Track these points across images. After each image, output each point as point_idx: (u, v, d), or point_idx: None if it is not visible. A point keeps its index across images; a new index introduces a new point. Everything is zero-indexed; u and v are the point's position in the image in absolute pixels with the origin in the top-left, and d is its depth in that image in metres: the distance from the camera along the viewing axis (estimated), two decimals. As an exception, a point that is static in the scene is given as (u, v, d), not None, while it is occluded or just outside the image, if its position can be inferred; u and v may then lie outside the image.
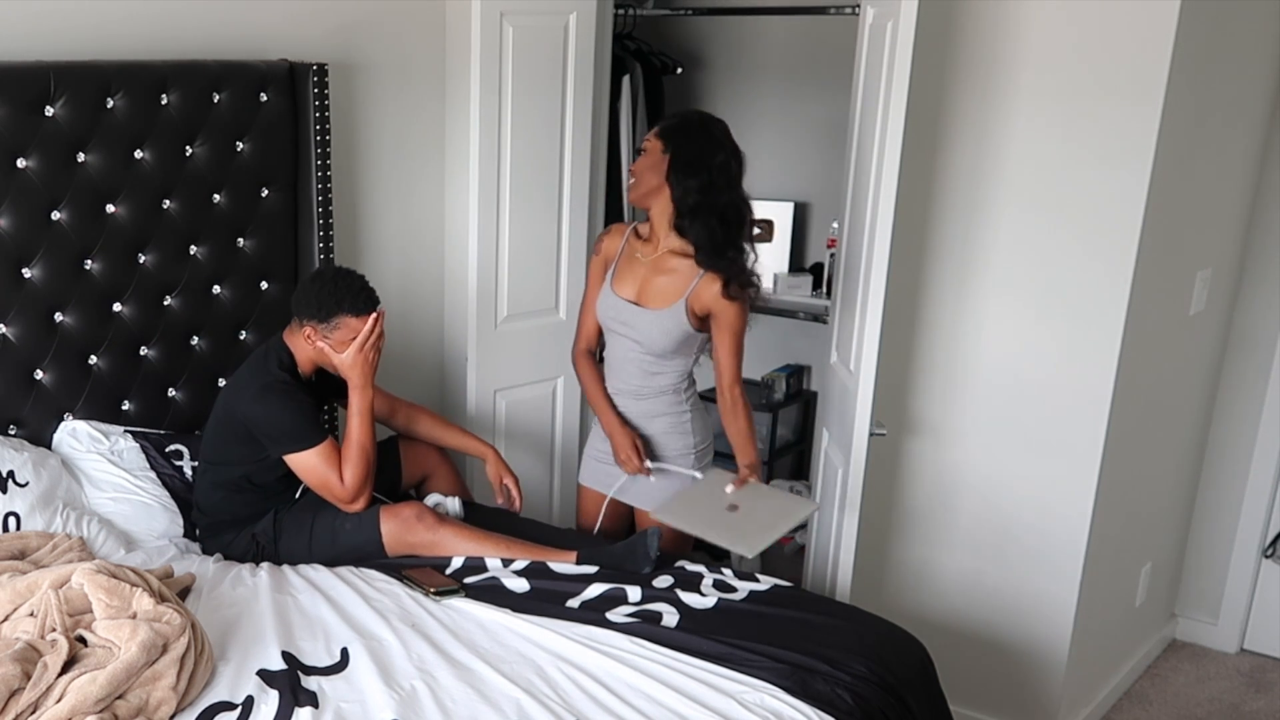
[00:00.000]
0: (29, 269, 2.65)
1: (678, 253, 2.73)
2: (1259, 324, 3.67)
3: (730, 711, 2.08)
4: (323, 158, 3.09)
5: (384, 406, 3.01)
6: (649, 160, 2.70)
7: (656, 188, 2.70)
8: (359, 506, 2.67)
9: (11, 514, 2.51)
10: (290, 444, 2.63)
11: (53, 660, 1.97)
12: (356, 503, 2.66)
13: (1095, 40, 2.82)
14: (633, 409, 2.86)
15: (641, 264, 2.77)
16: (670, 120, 2.76)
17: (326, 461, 2.64)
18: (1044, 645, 3.20)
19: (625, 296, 2.78)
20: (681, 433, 2.84)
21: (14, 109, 2.54)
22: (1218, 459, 3.83)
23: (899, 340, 3.16)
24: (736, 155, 2.70)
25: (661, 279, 2.74)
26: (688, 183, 2.65)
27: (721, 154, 2.67)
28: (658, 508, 2.69)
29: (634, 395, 2.84)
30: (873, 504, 3.10)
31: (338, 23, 3.21)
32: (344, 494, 2.65)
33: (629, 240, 2.82)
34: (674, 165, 2.65)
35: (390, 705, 2.05)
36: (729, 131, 2.72)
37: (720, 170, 2.66)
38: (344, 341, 2.62)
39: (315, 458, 2.63)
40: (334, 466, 2.64)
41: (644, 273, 2.76)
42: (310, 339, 2.64)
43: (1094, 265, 2.93)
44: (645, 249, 2.78)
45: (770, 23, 4.23)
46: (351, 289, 2.63)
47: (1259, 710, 3.59)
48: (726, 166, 2.67)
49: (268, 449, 2.65)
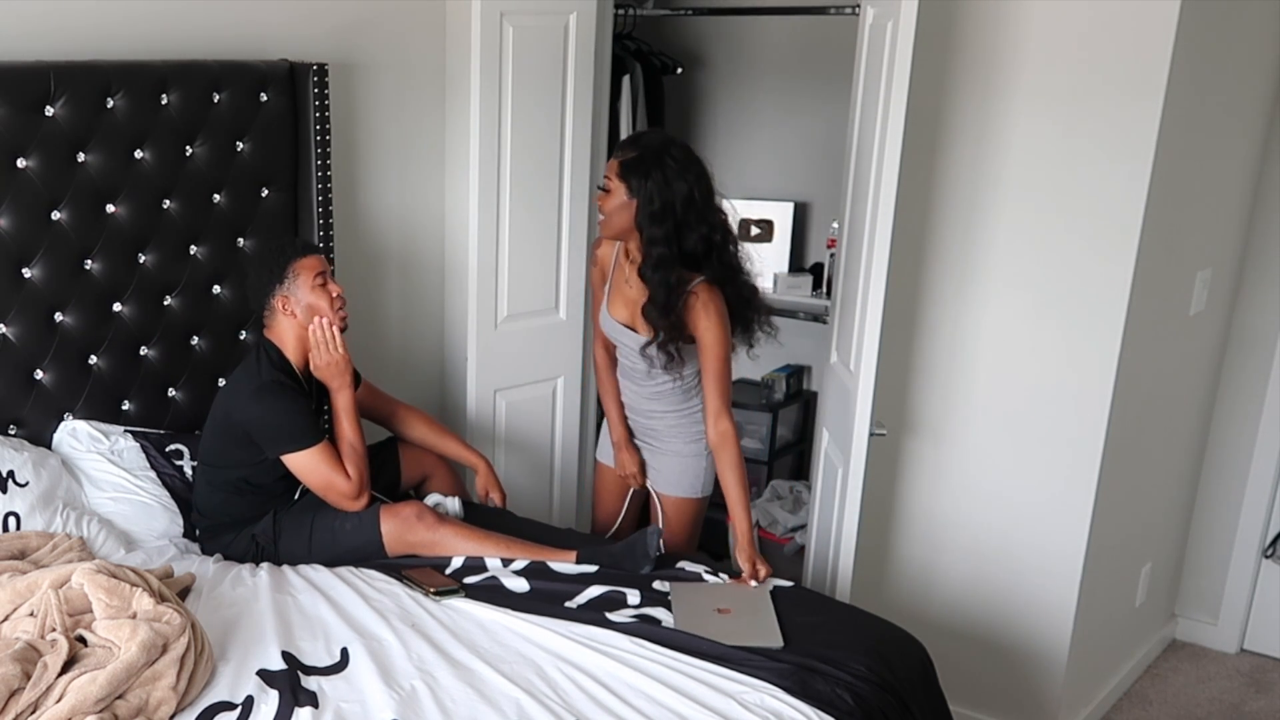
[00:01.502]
0: (29, 269, 2.65)
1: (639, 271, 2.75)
2: (1259, 324, 3.67)
3: (730, 711, 2.08)
4: (323, 158, 3.09)
5: (381, 409, 3.01)
6: (616, 202, 2.67)
7: (628, 229, 2.70)
8: (360, 505, 2.67)
9: (11, 514, 2.51)
10: (287, 444, 2.63)
11: (53, 660, 1.97)
12: (358, 500, 2.66)
13: (1095, 40, 2.82)
14: (643, 404, 2.97)
15: (631, 288, 2.80)
16: (628, 154, 2.68)
17: (325, 461, 2.64)
18: (1044, 645, 3.20)
19: (619, 320, 2.84)
20: (689, 415, 2.92)
21: (14, 109, 2.54)
22: (1218, 459, 3.83)
23: (899, 340, 3.16)
24: (701, 177, 2.67)
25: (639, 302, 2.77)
26: (654, 232, 2.64)
27: (683, 184, 2.63)
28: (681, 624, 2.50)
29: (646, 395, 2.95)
30: (873, 504, 3.10)
31: (338, 23, 3.21)
32: (347, 491, 2.65)
33: (619, 259, 2.84)
34: (640, 213, 2.65)
35: (390, 705, 2.05)
36: (689, 151, 2.70)
37: (686, 205, 2.64)
38: (311, 287, 2.65)
39: (313, 458, 2.63)
40: (333, 466, 2.64)
41: (635, 295, 2.79)
42: (285, 310, 2.66)
43: (1094, 265, 2.93)
44: (633, 273, 2.78)
45: (770, 23, 4.23)
46: (285, 243, 2.75)
47: (1259, 710, 3.59)
48: (691, 198, 2.64)
49: (265, 450, 2.65)
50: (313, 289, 2.66)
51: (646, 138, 2.75)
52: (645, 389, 2.94)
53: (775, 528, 3.92)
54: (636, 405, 3.00)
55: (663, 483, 3.02)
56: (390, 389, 3.12)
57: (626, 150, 2.71)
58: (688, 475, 2.98)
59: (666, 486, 3.02)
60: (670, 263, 2.66)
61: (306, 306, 2.66)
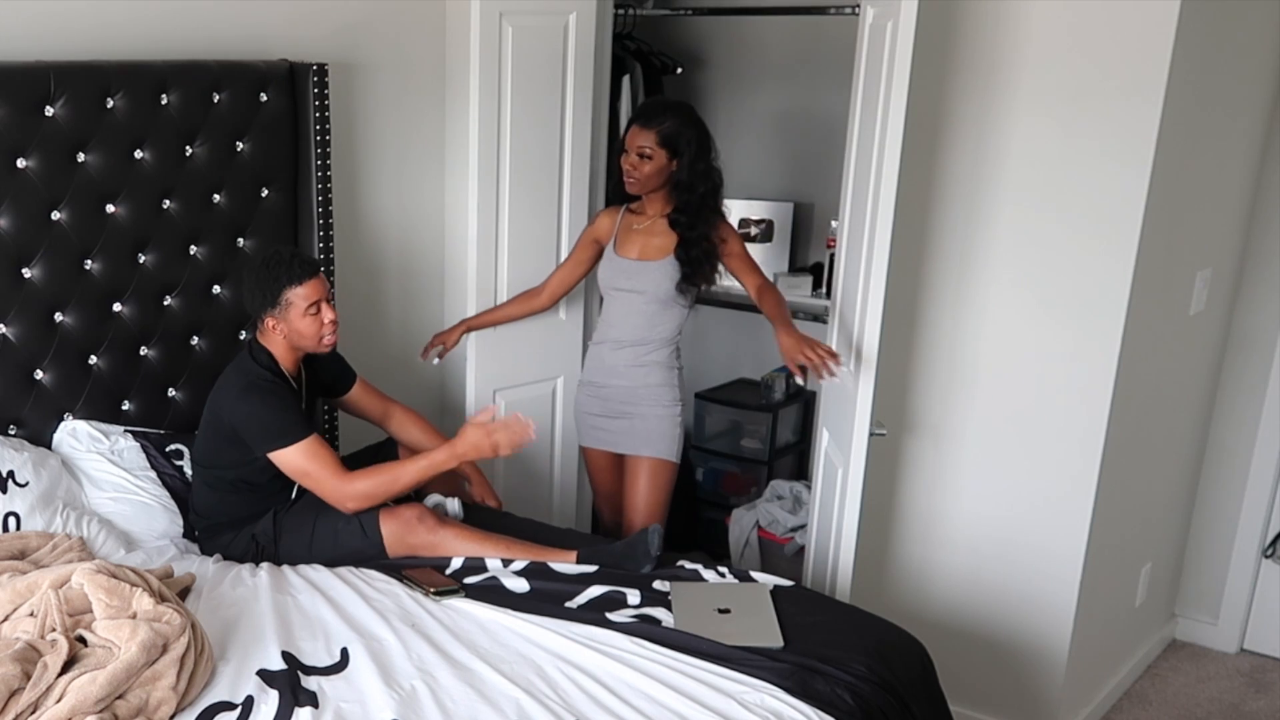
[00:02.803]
0: (29, 269, 2.65)
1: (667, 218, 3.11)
2: (1259, 324, 3.67)
3: (730, 711, 2.08)
4: (323, 158, 3.09)
5: (376, 408, 3.01)
6: (657, 165, 3.03)
7: (659, 185, 3.08)
8: (351, 507, 2.64)
9: (11, 514, 2.51)
10: (274, 441, 2.60)
11: (53, 660, 1.97)
12: (350, 503, 2.63)
13: (1095, 40, 2.82)
14: (630, 361, 3.16)
15: (639, 231, 3.14)
16: (663, 124, 3.02)
17: (310, 458, 2.61)
18: (1044, 645, 3.20)
19: (629, 257, 3.14)
20: (671, 385, 3.19)
21: (14, 109, 2.54)
22: (1218, 459, 3.83)
23: (899, 340, 3.16)
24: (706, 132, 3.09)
25: (657, 239, 3.11)
26: (693, 181, 3.05)
27: (706, 138, 3.07)
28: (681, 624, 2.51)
29: (636, 344, 3.15)
30: (873, 504, 3.10)
31: (338, 23, 3.21)
32: (334, 492, 2.60)
33: (624, 217, 3.18)
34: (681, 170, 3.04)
35: (390, 705, 2.05)
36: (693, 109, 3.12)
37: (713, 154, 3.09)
38: (303, 315, 2.62)
39: (298, 454, 2.60)
40: (319, 462, 2.61)
41: (641, 238, 3.14)
42: (274, 329, 2.65)
43: (1094, 265, 2.93)
44: (640, 220, 3.15)
45: (770, 23, 4.23)
46: (281, 262, 2.64)
47: (1259, 710, 3.59)
48: (708, 149, 3.07)
49: (254, 449, 2.63)
50: (304, 316, 2.64)
51: (668, 106, 3.12)
52: (636, 353, 3.15)
53: (775, 528, 3.92)
54: (618, 370, 3.18)
55: (642, 444, 3.20)
56: (390, 388, 3.12)
57: (657, 119, 3.03)
58: (666, 437, 3.19)
59: (645, 448, 3.19)
60: (701, 202, 3.06)
61: (296, 331, 2.66)
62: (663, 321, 3.14)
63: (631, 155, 3.03)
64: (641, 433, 3.20)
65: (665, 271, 3.09)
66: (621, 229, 3.18)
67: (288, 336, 2.66)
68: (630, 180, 3.06)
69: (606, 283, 3.20)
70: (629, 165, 3.05)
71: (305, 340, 2.67)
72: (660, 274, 3.10)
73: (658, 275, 3.10)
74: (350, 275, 3.33)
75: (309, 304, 2.63)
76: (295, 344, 2.68)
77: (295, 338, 2.66)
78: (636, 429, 3.20)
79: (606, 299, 3.22)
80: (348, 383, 2.95)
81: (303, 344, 2.68)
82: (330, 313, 2.67)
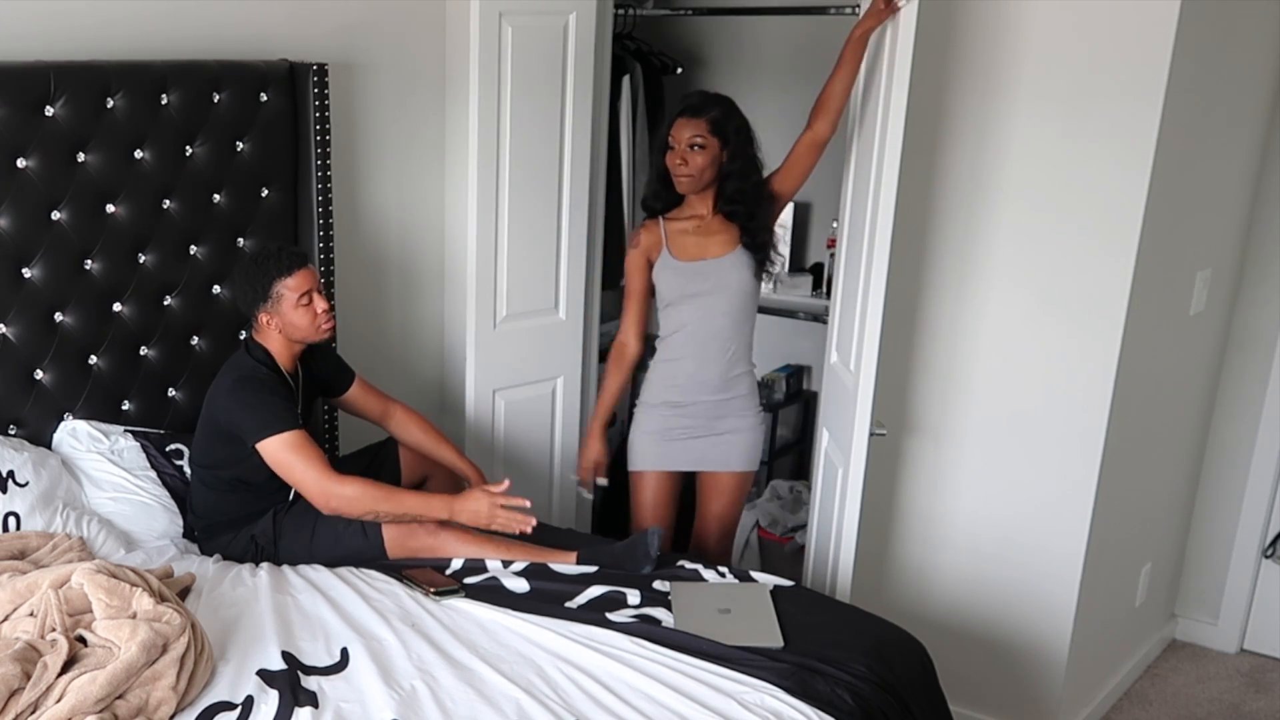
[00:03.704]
0: (29, 269, 2.65)
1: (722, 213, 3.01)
2: (1259, 324, 3.67)
3: (730, 711, 2.08)
4: (323, 158, 3.09)
5: (376, 408, 3.00)
6: (710, 155, 2.93)
7: (711, 177, 2.97)
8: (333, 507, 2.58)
9: (11, 514, 2.51)
10: (259, 431, 2.58)
11: (53, 660, 1.97)
12: (332, 502, 2.58)
13: (1095, 40, 2.82)
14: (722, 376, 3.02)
15: (692, 234, 3.02)
16: (711, 113, 2.93)
17: (293, 450, 2.57)
18: (1044, 645, 3.20)
19: (693, 258, 3.00)
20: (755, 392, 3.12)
21: (14, 109, 2.54)
22: (1218, 459, 3.83)
23: (899, 340, 3.16)
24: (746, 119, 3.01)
25: (716, 237, 3.00)
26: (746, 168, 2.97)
27: (749, 127, 2.99)
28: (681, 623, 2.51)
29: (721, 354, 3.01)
30: (873, 504, 3.10)
31: (338, 23, 3.21)
32: (316, 486, 2.56)
33: (666, 225, 3.04)
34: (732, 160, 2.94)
35: (390, 705, 2.05)
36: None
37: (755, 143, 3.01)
38: (295, 306, 2.63)
39: (282, 445, 2.57)
40: (303, 455, 2.57)
41: (697, 239, 3.01)
42: (269, 324, 2.66)
43: (1094, 265, 2.93)
44: (686, 224, 3.03)
45: (770, 23, 4.23)
46: (270, 256, 2.66)
47: (1259, 710, 3.59)
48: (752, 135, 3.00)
49: (245, 441, 2.61)
50: (296, 307, 2.64)
51: (710, 96, 3.01)
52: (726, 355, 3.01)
53: (775, 528, 3.92)
54: (711, 383, 3.03)
55: (734, 459, 3.10)
56: (389, 388, 3.12)
57: (705, 108, 2.94)
58: (756, 447, 3.14)
59: (736, 462, 3.11)
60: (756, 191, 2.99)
61: (290, 324, 2.66)
62: (745, 320, 3.03)
63: (681, 149, 2.90)
64: (735, 447, 3.09)
65: (739, 263, 2.98)
66: (671, 237, 3.02)
67: (283, 330, 2.66)
68: (682, 178, 2.93)
69: (676, 292, 3.01)
70: (679, 160, 2.91)
71: (301, 332, 2.67)
72: (735, 267, 2.98)
73: (732, 269, 2.98)
74: (350, 275, 3.33)
75: (300, 295, 2.63)
76: (292, 337, 2.68)
77: (291, 330, 2.67)
78: (727, 444, 3.08)
79: (674, 312, 3.03)
80: (346, 382, 2.95)
81: (300, 336, 2.68)
82: (322, 302, 2.68)
